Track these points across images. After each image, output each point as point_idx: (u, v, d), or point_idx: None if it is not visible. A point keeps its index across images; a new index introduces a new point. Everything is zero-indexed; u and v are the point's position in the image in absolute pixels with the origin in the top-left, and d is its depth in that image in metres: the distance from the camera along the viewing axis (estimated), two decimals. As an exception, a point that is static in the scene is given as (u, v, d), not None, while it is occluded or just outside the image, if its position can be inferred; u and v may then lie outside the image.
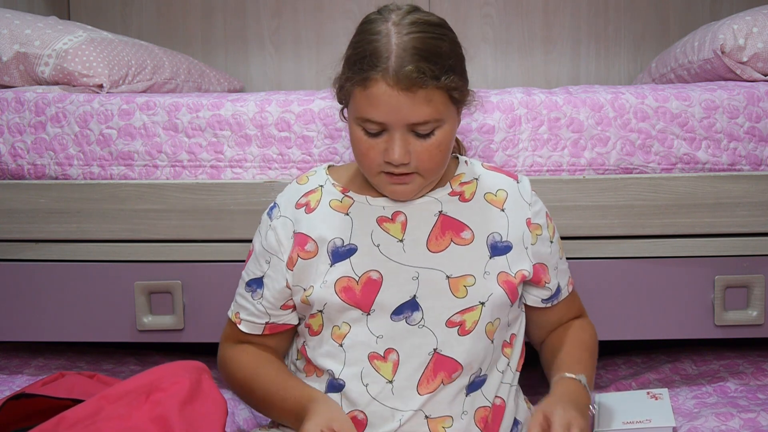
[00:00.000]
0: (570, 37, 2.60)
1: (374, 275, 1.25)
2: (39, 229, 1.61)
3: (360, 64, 1.19)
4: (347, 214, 1.29)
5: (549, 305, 1.36)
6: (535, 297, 1.35)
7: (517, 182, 1.34)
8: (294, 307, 1.31)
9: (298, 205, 1.31)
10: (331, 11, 2.60)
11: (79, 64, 1.77)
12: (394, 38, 1.18)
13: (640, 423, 1.37)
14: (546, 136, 1.58)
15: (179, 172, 1.62)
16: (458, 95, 1.22)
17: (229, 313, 1.36)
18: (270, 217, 1.33)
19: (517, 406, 1.32)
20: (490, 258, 1.27)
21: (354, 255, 1.26)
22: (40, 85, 1.80)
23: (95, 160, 1.63)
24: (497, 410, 1.27)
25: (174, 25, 2.64)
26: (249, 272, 1.34)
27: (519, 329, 1.34)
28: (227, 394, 1.43)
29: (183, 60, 2.14)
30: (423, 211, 1.29)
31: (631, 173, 1.58)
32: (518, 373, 1.33)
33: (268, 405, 1.31)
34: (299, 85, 2.61)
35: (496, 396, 1.28)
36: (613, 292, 1.56)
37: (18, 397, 1.22)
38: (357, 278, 1.25)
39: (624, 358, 1.80)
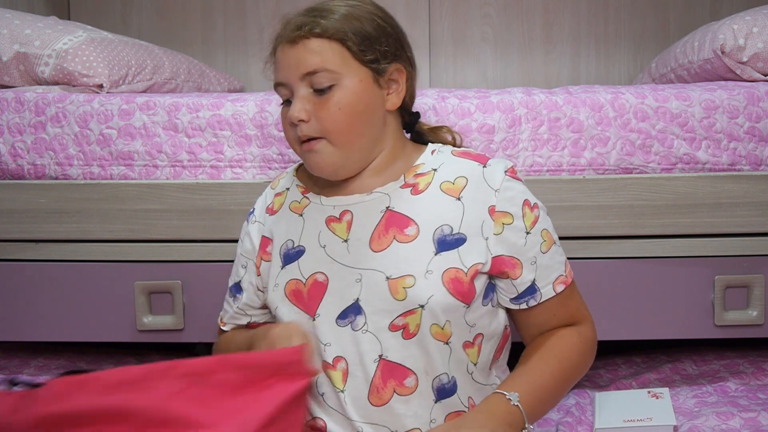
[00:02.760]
0: (570, 37, 2.60)
1: (320, 277, 1.22)
2: (39, 229, 1.61)
3: (274, 40, 1.24)
4: (301, 215, 1.28)
5: (524, 306, 1.23)
6: (503, 296, 1.24)
7: (484, 166, 1.23)
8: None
9: (268, 210, 1.33)
10: (331, 11, 2.60)
11: (79, 64, 1.77)
12: (291, 16, 1.23)
13: (641, 421, 1.37)
14: (546, 136, 1.58)
15: (179, 172, 1.62)
16: (357, 48, 1.20)
17: (218, 321, 1.41)
18: (247, 222, 1.35)
19: None
20: (436, 254, 1.18)
21: (302, 257, 1.24)
22: (40, 85, 1.80)
23: (95, 160, 1.63)
24: None
25: (174, 25, 2.64)
26: (231, 277, 1.38)
27: (489, 328, 1.23)
28: None
29: (183, 60, 2.14)
30: (369, 209, 1.23)
31: (631, 173, 1.58)
32: (492, 370, 1.25)
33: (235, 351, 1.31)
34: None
35: (468, 397, 1.21)
36: (613, 292, 1.55)
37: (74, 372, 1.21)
38: (304, 280, 1.23)
39: (624, 358, 1.80)
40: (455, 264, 1.18)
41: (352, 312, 1.19)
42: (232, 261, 1.58)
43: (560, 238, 1.31)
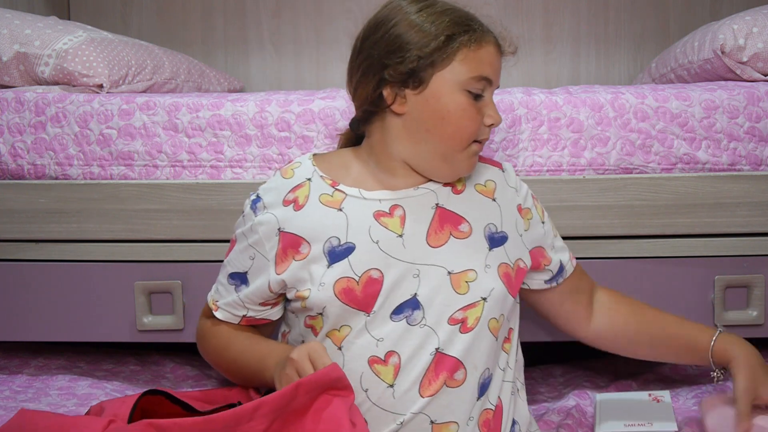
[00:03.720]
0: (570, 37, 2.60)
1: (375, 274, 1.20)
2: (39, 229, 1.61)
3: (465, 25, 1.24)
4: (340, 210, 1.24)
5: (555, 285, 1.36)
6: (538, 280, 1.35)
7: (502, 171, 1.34)
8: (273, 305, 1.29)
9: (285, 202, 1.26)
10: (331, 11, 2.60)
11: (79, 64, 1.77)
12: (480, 18, 1.29)
13: (641, 426, 1.36)
14: (546, 136, 1.58)
15: (179, 172, 1.62)
16: None
17: (209, 297, 1.34)
18: (254, 212, 1.27)
19: (515, 404, 1.28)
20: (490, 250, 1.25)
21: (352, 254, 1.21)
22: (40, 85, 1.80)
23: (95, 160, 1.63)
24: (498, 411, 1.24)
25: (174, 25, 2.64)
26: (232, 263, 1.30)
27: (515, 323, 1.31)
28: None
29: (183, 60, 2.15)
30: (420, 204, 1.25)
31: (631, 173, 1.58)
32: (512, 370, 1.29)
33: (238, 367, 1.29)
34: (299, 85, 2.61)
35: (498, 397, 1.25)
36: (613, 292, 1.55)
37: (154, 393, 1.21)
38: (357, 278, 1.20)
39: (624, 358, 1.79)
40: (504, 259, 1.26)
41: (409, 307, 1.21)
42: (232, 261, 1.58)
43: (562, 238, 1.40)
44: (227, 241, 1.60)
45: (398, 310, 1.20)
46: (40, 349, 1.84)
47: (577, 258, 1.41)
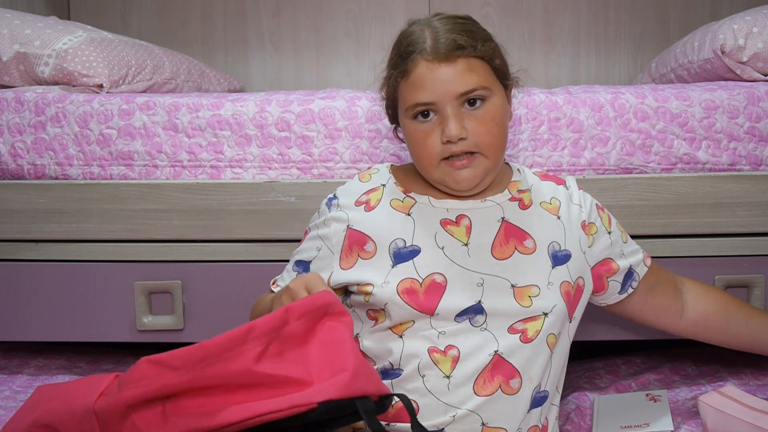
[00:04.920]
0: (570, 37, 2.60)
1: (438, 278, 1.23)
2: (39, 229, 1.61)
3: (399, 58, 1.24)
4: (409, 215, 1.27)
5: (630, 290, 1.37)
6: (612, 296, 1.36)
7: (566, 188, 1.34)
8: None
9: (358, 203, 1.30)
10: (331, 11, 2.60)
11: (79, 64, 1.77)
12: (428, 29, 1.23)
13: (638, 427, 1.36)
14: (546, 136, 1.58)
15: (179, 172, 1.62)
16: (500, 65, 1.25)
17: (270, 283, 1.37)
18: (329, 208, 1.31)
19: (555, 429, 1.30)
20: (553, 268, 1.26)
21: (417, 257, 1.24)
22: (40, 85, 1.80)
23: (95, 160, 1.63)
24: (544, 431, 1.26)
25: (174, 25, 2.64)
26: (300, 252, 1.33)
27: (568, 348, 1.31)
28: None
29: (183, 60, 2.15)
30: (486, 216, 1.27)
31: (631, 173, 1.58)
32: (559, 395, 1.31)
33: (260, 312, 1.29)
34: (299, 85, 2.62)
35: (546, 417, 1.26)
36: (613, 292, 1.55)
37: None
38: (420, 280, 1.23)
39: (624, 358, 1.80)
40: (566, 278, 1.26)
41: (472, 311, 1.22)
42: (233, 261, 1.58)
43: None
44: (227, 241, 1.60)
45: (462, 314, 1.22)
46: (40, 349, 1.84)
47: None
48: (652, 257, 1.55)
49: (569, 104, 1.59)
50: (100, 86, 1.79)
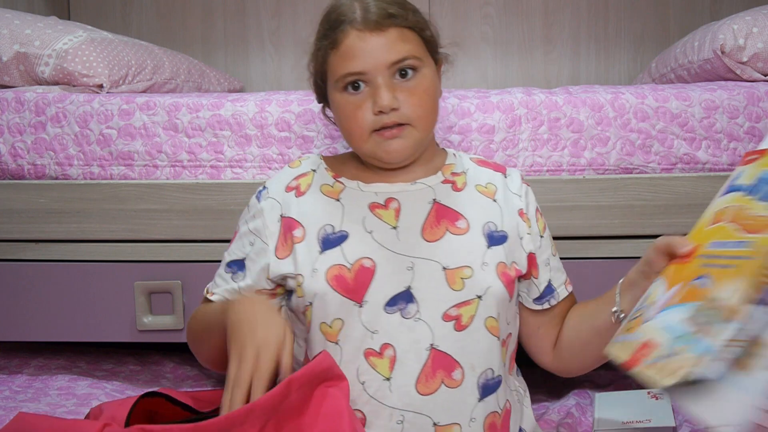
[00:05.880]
0: (570, 37, 2.60)
1: (367, 263, 1.19)
2: (39, 229, 1.61)
3: (328, 29, 1.23)
4: (338, 200, 1.25)
5: (546, 306, 1.30)
6: (526, 297, 1.30)
7: (505, 176, 1.31)
8: (269, 297, 1.25)
9: (288, 189, 1.27)
10: (331, 11, 2.60)
11: (79, 64, 1.77)
12: (357, 0, 1.22)
13: (639, 423, 1.36)
14: (546, 136, 1.58)
15: (179, 172, 1.62)
16: (430, 37, 1.24)
17: (204, 292, 1.31)
18: (258, 200, 1.28)
19: (521, 413, 1.28)
20: (488, 248, 1.22)
21: (345, 242, 1.21)
22: (40, 85, 1.80)
23: (95, 160, 1.63)
24: (506, 416, 1.23)
25: (174, 25, 2.64)
26: (231, 253, 1.29)
27: (515, 329, 1.29)
28: None
29: (183, 60, 2.15)
30: (416, 199, 1.24)
31: (631, 173, 1.58)
32: (513, 376, 1.28)
33: (204, 334, 1.24)
34: (299, 85, 2.61)
35: (507, 400, 1.23)
36: (613, 292, 1.55)
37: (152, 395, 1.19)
38: (349, 266, 1.19)
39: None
40: (503, 258, 1.23)
41: (402, 299, 1.18)
42: (232, 261, 1.58)
43: (560, 238, 1.37)
44: (227, 241, 1.60)
45: (392, 302, 1.18)
46: (40, 349, 1.84)
47: (577, 258, 1.41)
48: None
49: (569, 104, 1.59)
50: (100, 86, 1.79)
